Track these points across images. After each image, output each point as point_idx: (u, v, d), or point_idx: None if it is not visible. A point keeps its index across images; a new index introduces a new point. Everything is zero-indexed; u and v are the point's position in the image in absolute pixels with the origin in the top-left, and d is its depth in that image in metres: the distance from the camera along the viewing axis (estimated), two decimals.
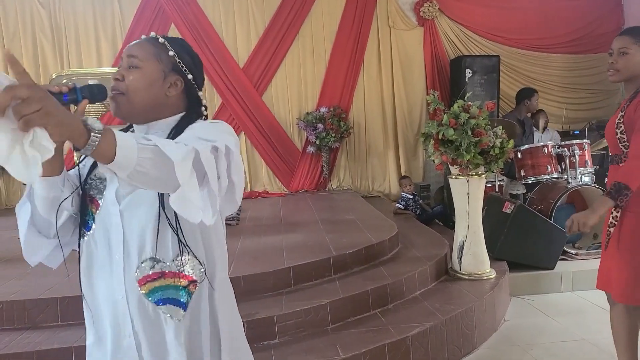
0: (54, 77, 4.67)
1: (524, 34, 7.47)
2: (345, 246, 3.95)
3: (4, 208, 7.00)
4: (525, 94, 5.97)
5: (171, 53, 1.33)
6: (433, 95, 3.83)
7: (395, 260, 4.09)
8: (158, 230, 1.22)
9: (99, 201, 1.27)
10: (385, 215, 5.34)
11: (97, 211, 1.27)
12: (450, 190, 4.10)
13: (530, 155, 5.08)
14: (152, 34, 1.39)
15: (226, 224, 1.42)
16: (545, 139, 5.91)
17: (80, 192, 1.31)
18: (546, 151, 5.04)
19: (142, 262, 1.23)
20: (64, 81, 1.18)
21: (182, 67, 1.34)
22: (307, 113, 7.23)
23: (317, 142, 7.05)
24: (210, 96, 7.21)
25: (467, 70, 6.90)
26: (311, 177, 7.38)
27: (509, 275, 4.16)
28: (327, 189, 7.41)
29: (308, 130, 7.09)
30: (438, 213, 6.10)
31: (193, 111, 1.36)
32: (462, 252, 3.97)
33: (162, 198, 1.21)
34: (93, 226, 1.28)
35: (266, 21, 7.21)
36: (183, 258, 1.24)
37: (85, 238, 1.30)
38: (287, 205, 6.38)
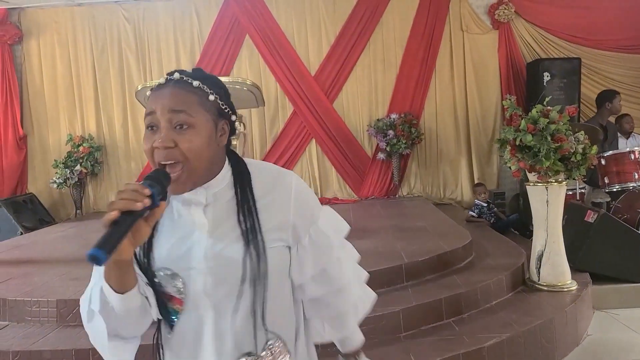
0: (139, 88, 4.93)
1: (607, 34, 7.11)
2: (417, 253, 3.91)
3: (92, 212, 7.46)
4: (606, 96, 5.69)
5: (212, 97, 1.14)
6: (510, 100, 3.73)
7: (469, 268, 4.00)
8: (255, 325, 1.15)
9: (179, 297, 1.15)
10: (457, 223, 5.24)
11: (181, 307, 1.16)
12: (528, 197, 3.98)
13: (615, 162, 4.84)
14: (176, 74, 1.13)
15: None
16: (632, 145, 5.59)
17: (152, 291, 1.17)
18: (632, 157, 4.79)
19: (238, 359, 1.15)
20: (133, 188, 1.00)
21: (226, 109, 1.17)
22: (378, 120, 7.23)
23: (388, 149, 7.03)
24: (282, 103, 7.37)
25: (545, 74, 6.65)
26: (381, 183, 7.36)
27: (592, 288, 3.97)
28: (397, 196, 7.36)
29: (378, 136, 7.08)
30: (513, 221, 5.92)
31: (231, 153, 1.23)
32: (540, 262, 3.83)
33: (254, 290, 1.13)
34: (177, 323, 1.18)
35: (337, 30, 7.29)
36: (271, 343, 1.17)
37: (169, 335, 1.21)
38: (357, 211, 6.40)
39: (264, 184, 1.19)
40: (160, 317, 1.19)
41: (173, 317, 1.17)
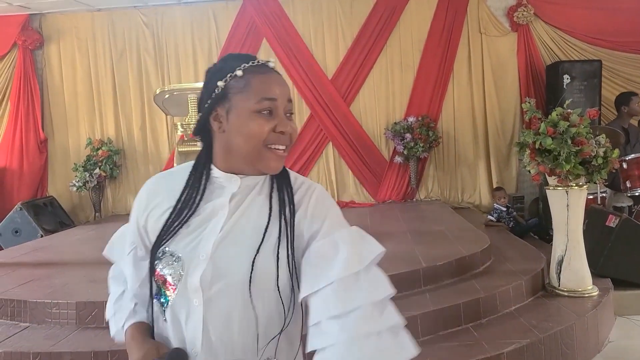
0: (157, 92, 4.99)
1: (628, 35, 6.99)
2: (435, 258, 3.88)
3: (111, 215, 7.54)
4: (622, 99, 5.61)
5: None
6: (529, 103, 3.69)
7: (488, 273, 3.96)
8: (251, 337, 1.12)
9: (172, 283, 1.13)
10: (476, 227, 5.19)
11: (173, 295, 1.14)
12: (547, 201, 3.92)
13: (637, 165, 4.76)
14: (271, 63, 1.19)
15: None
16: None
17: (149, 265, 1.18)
18: None
19: None
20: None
21: None
22: (395, 123, 7.20)
23: (405, 152, 6.99)
24: (299, 107, 7.38)
25: (565, 76, 6.56)
26: (399, 187, 7.32)
27: (614, 293, 3.90)
28: (414, 200, 7.31)
29: (396, 140, 7.05)
30: (533, 226, 5.85)
31: None
32: (560, 267, 3.78)
33: (250, 287, 1.10)
34: (166, 311, 1.16)
35: (354, 33, 7.28)
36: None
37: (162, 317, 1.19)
38: (374, 215, 6.37)
39: (298, 193, 1.19)
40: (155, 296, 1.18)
41: (163, 301, 1.16)
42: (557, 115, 3.59)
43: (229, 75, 1.13)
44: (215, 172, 1.18)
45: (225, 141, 1.15)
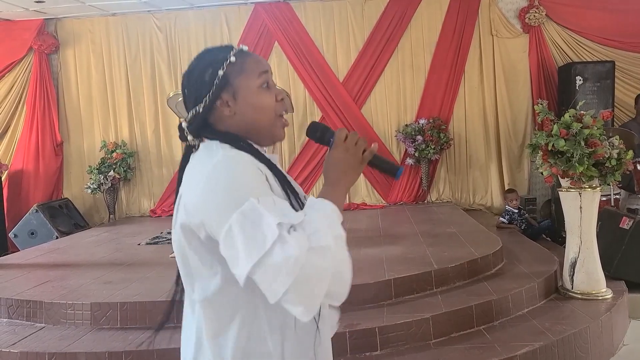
0: (170, 95, 5.04)
1: None
2: (447, 260, 3.88)
3: (125, 217, 7.61)
4: (637, 100, 5.59)
5: None
6: (542, 104, 3.68)
7: (500, 275, 3.96)
8: None
9: None
10: (487, 229, 5.18)
11: None
12: (560, 203, 3.90)
13: None
14: (244, 47, 1.26)
15: None
16: None
17: None
18: None
19: None
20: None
21: None
22: (406, 125, 7.20)
23: (416, 154, 6.99)
24: (310, 110, 7.40)
25: (578, 78, 6.52)
26: (410, 189, 7.32)
27: (628, 296, 3.87)
28: (426, 202, 7.30)
29: (407, 142, 7.05)
30: (545, 228, 5.81)
31: None
32: (574, 269, 3.76)
33: None
34: None
35: (365, 35, 7.29)
36: None
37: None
38: (385, 217, 6.38)
39: None
40: None
41: None
42: (570, 116, 3.58)
43: (225, 63, 1.19)
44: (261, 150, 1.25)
45: (240, 121, 1.21)
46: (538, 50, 7.07)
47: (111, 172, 7.17)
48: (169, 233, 5.91)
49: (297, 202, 1.19)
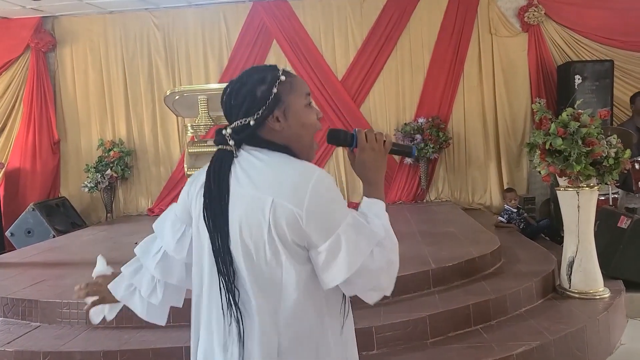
0: (167, 94, 5.02)
1: None
2: (445, 259, 3.87)
3: (122, 215, 7.59)
4: (631, 99, 5.59)
5: None
6: (539, 103, 3.67)
7: (498, 275, 3.94)
8: None
9: None
10: (486, 229, 5.16)
11: None
12: (558, 202, 3.89)
13: None
14: (287, 67, 1.41)
15: None
16: None
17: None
18: None
19: None
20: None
21: None
22: (405, 124, 7.18)
23: (415, 153, 6.97)
24: None
25: (577, 77, 6.51)
26: (409, 188, 7.30)
27: (626, 295, 3.86)
28: (425, 201, 7.29)
29: (406, 141, 7.03)
30: (544, 227, 5.79)
31: None
32: (571, 268, 3.75)
33: None
34: None
35: (364, 34, 7.27)
36: None
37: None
38: None
39: None
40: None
41: None
42: (567, 115, 3.57)
43: (277, 82, 1.30)
44: None
45: (288, 135, 1.31)
46: (537, 49, 7.05)
47: (108, 171, 7.15)
48: None
49: None
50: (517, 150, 7.16)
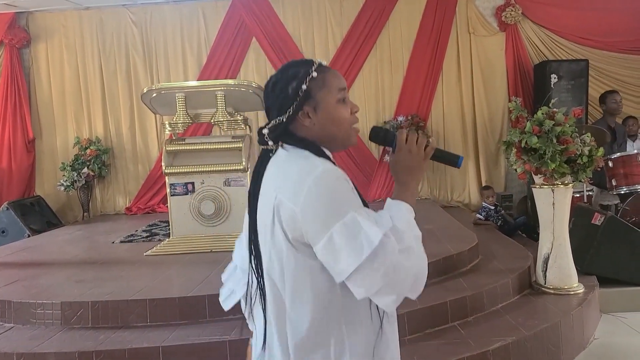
0: (145, 91, 4.96)
1: (615, 35, 7.05)
2: None
3: (100, 214, 7.49)
4: (600, 98, 5.70)
5: None
6: (515, 102, 3.71)
7: (475, 271, 3.98)
8: None
9: None
10: (464, 226, 5.21)
11: None
12: (534, 200, 3.95)
13: (622, 164, 4.79)
14: (323, 62, 1.39)
15: None
16: (638, 147, 5.52)
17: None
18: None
19: None
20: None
21: None
22: (385, 122, 7.22)
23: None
24: None
25: (553, 76, 6.61)
26: (389, 186, 7.33)
27: (599, 291, 3.93)
28: None
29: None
30: (521, 224, 5.88)
31: None
32: (547, 265, 3.80)
33: None
34: None
35: (344, 32, 7.28)
36: None
37: None
38: None
39: None
40: None
41: None
42: (542, 114, 3.62)
43: (307, 78, 1.30)
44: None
45: (319, 131, 1.33)
46: (514, 48, 7.14)
47: (85, 169, 7.05)
48: (144, 231, 5.86)
49: (366, 206, 1.29)
50: (495, 148, 7.24)
